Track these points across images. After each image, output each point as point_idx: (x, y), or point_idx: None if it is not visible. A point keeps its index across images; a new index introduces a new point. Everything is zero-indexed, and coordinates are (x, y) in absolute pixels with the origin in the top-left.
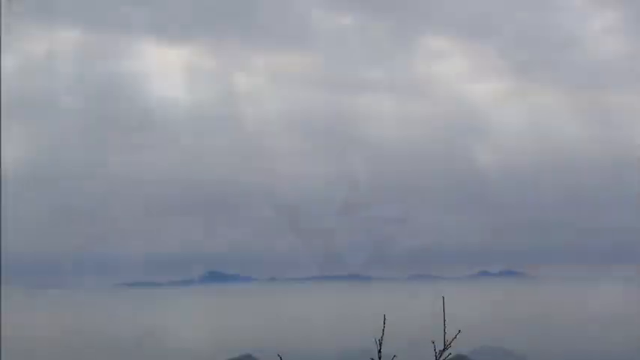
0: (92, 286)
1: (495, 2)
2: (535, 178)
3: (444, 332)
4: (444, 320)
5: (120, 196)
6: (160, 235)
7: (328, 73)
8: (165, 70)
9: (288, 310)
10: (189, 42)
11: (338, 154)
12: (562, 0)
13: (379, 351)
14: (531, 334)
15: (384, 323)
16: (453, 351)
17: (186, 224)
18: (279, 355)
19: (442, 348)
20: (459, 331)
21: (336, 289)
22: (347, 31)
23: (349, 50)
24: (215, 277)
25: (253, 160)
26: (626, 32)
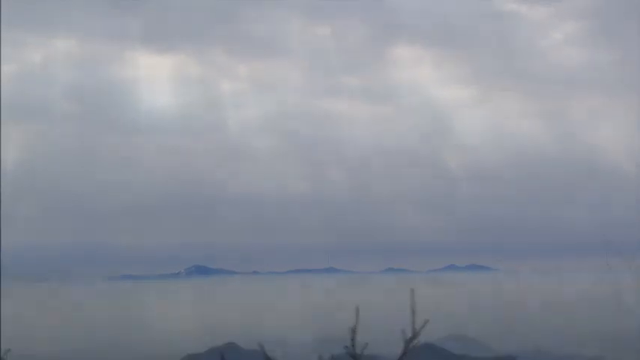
0: (85, 280)
1: (464, 14)
2: (501, 179)
3: (413, 322)
4: (413, 310)
5: (113, 196)
6: (148, 231)
7: (308, 79)
8: (155, 77)
9: (270, 301)
10: (176, 51)
11: (317, 157)
12: (526, 12)
13: (352, 339)
14: (494, 322)
15: (357, 314)
16: (421, 339)
17: (174, 222)
18: (259, 344)
19: (411, 336)
20: (427, 320)
21: (315, 281)
22: (325, 40)
23: (327, 58)
24: (201, 271)
25: (238, 161)
26: (587, 43)
